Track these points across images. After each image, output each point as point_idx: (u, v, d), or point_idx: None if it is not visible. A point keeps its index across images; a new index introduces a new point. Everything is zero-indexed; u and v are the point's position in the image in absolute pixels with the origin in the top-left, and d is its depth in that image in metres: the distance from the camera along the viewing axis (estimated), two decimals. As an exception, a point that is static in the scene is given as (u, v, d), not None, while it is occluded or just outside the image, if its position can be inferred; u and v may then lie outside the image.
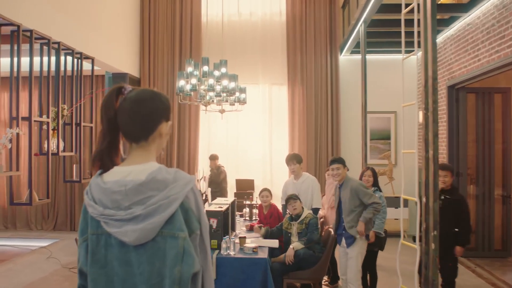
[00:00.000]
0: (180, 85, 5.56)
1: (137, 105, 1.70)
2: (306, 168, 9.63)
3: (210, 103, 6.06)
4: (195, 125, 10.30)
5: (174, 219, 1.60)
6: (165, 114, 1.75)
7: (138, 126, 1.70)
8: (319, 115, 10.05)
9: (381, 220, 5.59)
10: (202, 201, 1.73)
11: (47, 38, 6.33)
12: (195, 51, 10.27)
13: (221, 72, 5.55)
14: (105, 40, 8.52)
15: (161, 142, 1.78)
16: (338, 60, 10.09)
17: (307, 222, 5.36)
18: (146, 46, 10.37)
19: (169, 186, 1.62)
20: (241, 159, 10.33)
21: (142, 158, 1.72)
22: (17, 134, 5.76)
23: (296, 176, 6.19)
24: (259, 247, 5.10)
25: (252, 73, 10.26)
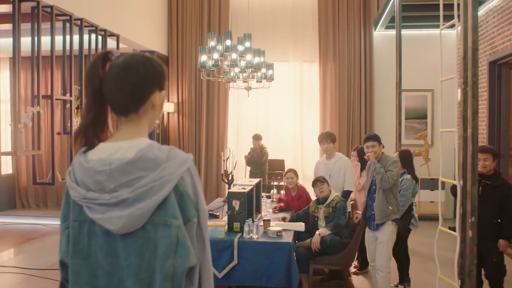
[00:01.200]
0: (202, 60, 5.31)
1: (125, 71, 1.47)
2: (338, 149, 9.29)
3: (234, 79, 5.81)
4: (224, 103, 10.08)
5: (167, 204, 1.38)
6: (158, 82, 1.52)
7: (126, 96, 1.47)
8: (351, 94, 9.68)
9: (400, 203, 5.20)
10: (200, 184, 1.47)
11: (69, 14, 6.17)
12: (223, 27, 9.99)
13: (245, 46, 5.27)
14: (131, 16, 8.32)
15: (154, 115, 1.55)
16: (372, 36, 9.65)
17: (334, 205, 5.07)
18: (174, 23, 10.15)
19: (161, 165, 1.39)
20: (271, 139, 10.06)
21: (132, 134, 1.49)
22: (38, 113, 5.65)
23: (329, 156, 5.90)
24: (284, 231, 4.86)
25: (282, 50, 9.93)
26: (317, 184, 5.15)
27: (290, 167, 6.73)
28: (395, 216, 4.70)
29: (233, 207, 4.80)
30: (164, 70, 1.56)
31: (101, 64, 1.50)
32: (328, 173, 5.71)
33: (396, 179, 4.67)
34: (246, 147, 10.11)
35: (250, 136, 9.99)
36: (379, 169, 4.65)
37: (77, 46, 6.66)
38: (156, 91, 1.52)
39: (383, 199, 4.69)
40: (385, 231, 4.70)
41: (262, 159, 8.52)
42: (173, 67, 10.18)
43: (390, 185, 4.62)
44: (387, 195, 4.68)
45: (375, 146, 4.78)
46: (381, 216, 4.69)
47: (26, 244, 7.83)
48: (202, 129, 10.11)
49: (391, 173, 4.63)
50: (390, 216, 4.68)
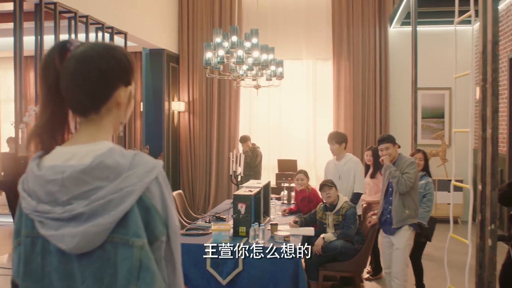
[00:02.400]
0: (207, 57, 5.11)
1: (82, 65, 1.26)
2: (352, 149, 9.05)
3: (241, 77, 5.60)
4: (235, 102, 9.89)
5: (129, 220, 1.17)
6: (122, 76, 1.30)
7: (84, 94, 1.26)
8: (366, 92, 9.40)
9: (425, 209, 4.93)
10: (172, 196, 1.28)
11: (74, 11, 6.02)
12: (235, 25, 9.78)
13: (252, 42, 5.05)
14: (139, 13, 8.16)
15: (119, 114, 1.33)
16: (387, 33, 9.37)
17: (344, 213, 4.82)
18: (184, 20, 9.97)
19: (122, 174, 1.19)
20: (284, 139, 9.85)
21: (91, 136, 1.28)
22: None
23: (338, 157, 5.68)
24: (292, 236, 4.63)
25: (295, 48, 9.69)
26: (324, 189, 4.90)
27: (303, 168, 6.52)
28: (413, 221, 4.45)
29: (239, 210, 4.60)
30: (131, 61, 1.34)
31: (58, 56, 1.28)
32: (337, 174, 5.49)
33: (414, 181, 4.42)
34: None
35: (262, 135, 9.83)
36: (394, 173, 4.41)
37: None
38: (121, 87, 1.31)
39: (400, 203, 4.44)
40: (402, 237, 4.45)
41: (256, 161, 8.28)
42: (184, 66, 10.00)
43: (407, 188, 4.37)
44: (404, 199, 4.43)
45: (389, 148, 4.55)
46: (397, 220, 4.45)
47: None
48: (213, 129, 9.92)
49: (408, 175, 4.38)
50: (407, 221, 4.43)
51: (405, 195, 4.42)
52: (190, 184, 10.08)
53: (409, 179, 4.37)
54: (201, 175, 10.02)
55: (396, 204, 4.46)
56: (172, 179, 9.90)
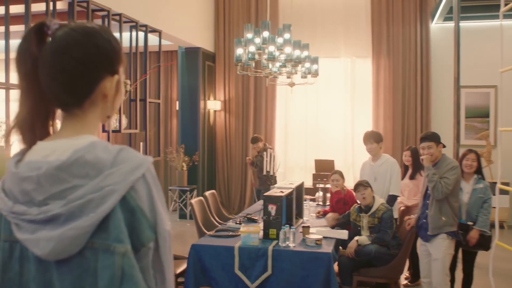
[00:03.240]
0: (237, 54, 4.96)
1: (58, 56, 1.12)
2: (391, 150, 8.76)
3: (273, 74, 5.43)
4: (272, 101, 9.73)
5: (110, 223, 1.04)
6: (107, 65, 1.16)
7: (63, 88, 1.14)
8: (406, 91, 9.08)
9: (486, 216, 4.57)
10: (162, 196, 1.14)
11: (107, 9, 5.98)
12: (272, 22, 9.61)
13: (284, 38, 4.88)
14: (173, 11, 8.10)
15: (105, 107, 1.19)
16: (429, 29, 9.02)
17: (380, 216, 4.58)
18: (221, 18, 9.88)
19: (104, 171, 1.06)
20: (321, 138, 9.63)
21: (74, 130, 1.16)
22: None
23: (374, 157, 5.46)
24: (325, 239, 4.43)
25: (333, 45, 9.45)
26: (359, 189, 4.66)
27: (340, 169, 6.31)
28: (450, 229, 4.18)
29: (269, 211, 4.44)
30: (116, 47, 1.19)
31: (35, 41, 1.15)
32: (373, 175, 5.26)
33: (453, 188, 4.14)
34: (294, 146, 9.75)
35: (299, 134, 9.65)
36: (431, 177, 4.16)
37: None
38: (106, 78, 1.17)
39: (437, 209, 4.19)
40: (439, 246, 4.19)
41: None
42: (220, 64, 9.92)
43: (443, 195, 4.11)
44: (442, 205, 4.17)
45: (432, 148, 4.28)
46: (432, 227, 4.20)
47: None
48: (249, 128, 9.80)
49: (447, 181, 4.11)
50: (443, 228, 4.17)
51: (443, 200, 4.17)
52: (225, 183, 9.98)
53: (447, 185, 4.10)
54: (237, 175, 9.90)
55: (433, 209, 4.21)
56: (207, 179, 9.83)
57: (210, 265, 4.20)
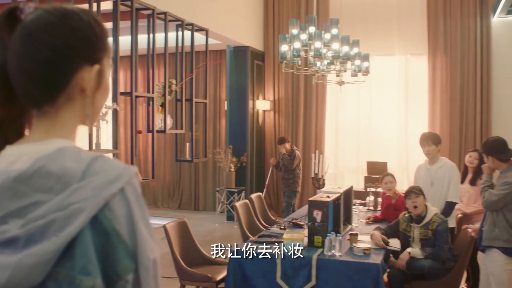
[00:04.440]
0: (282, 50, 4.73)
1: (27, 42, 0.93)
2: (448, 152, 8.28)
3: (319, 72, 5.17)
4: (322, 100, 9.43)
5: (77, 249, 0.84)
6: (84, 52, 0.96)
7: (32, 80, 0.94)
8: (465, 90, 8.57)
9: None
10: (146, 216, 0.93)
11: (151, 8, 5.89)
12: (323, 19, 9.33)
13: (331, 33, 4.60)
14: (221, 9, 7.95)
15: (84, 103, 0.99)
16: (490, 23, 8.46)
17: (434, 228, 4.19)
18: (270, 16, 9.66)
19: (71, 184, 0.86)
20: (374, 139, 9.25)
21: (46, 133, 0.97)
22: (115, 111, 5.43)
23: (431, 160, 5.09)
24: (374, 248, 4.14)
25: (386, 42, 9.03)
26: (410, 196, 4.29)
27: (394, 172, 5.97)
28: (503, 245, 3.77)
29: (314, 217, 4.18)
30: (98, 30, 0.99)
31: (7, 28, 0.96)
32: (430, 180, 4.90)
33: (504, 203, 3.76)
34: (346, 147, 9.43)
35: (350, 135, 9.32)
36: (484, 182, 3.82)
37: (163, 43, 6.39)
38: (84, 68, 0.97)
39: (492, 219, 3.83)
40: (493, 260, 3.82)
41: (294, 164, 7.77)
42: (269, 63, 9.70)
43: (488, 207, 3.79)
44: (497, 216, 3.81)
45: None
46: (485, 238, 3.86)
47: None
48: (299, 128, 9.54)
49: (493, 192, 3.78)
50: (494, 242, 3.79)
51: (498, 212, 3.80)
52: (274, 185, 9.75)
53: (492, 196, 3.75)
54: (287, 176, 9.65)
55: (488, 219, 3.86)
56: (256, 180, 9.64)
57: (251, 272, 4.00)
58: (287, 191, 7.86)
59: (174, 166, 10.51)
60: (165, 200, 10.74)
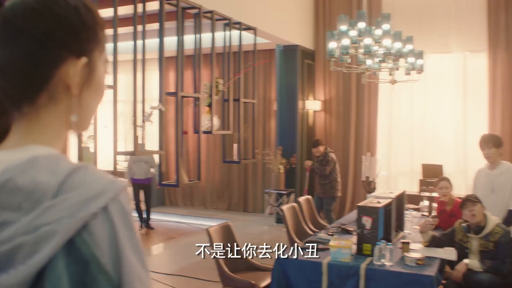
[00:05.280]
0: (330, 48, 4.51)
1: (3, 30, 0.80)
2: (510, 156, 7.79)
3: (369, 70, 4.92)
4: (374, 100, 9.11)
5: (47, 281, 0.70)
6: (69, 41, 0.82)
7: (8, 75, 0.81)
8: (529, 88, 8.05)
9: None
10: (136, 240, 0.77)
11: (197, 6, 5.80)
12: (375, 16, 9.01)
13: (382, 29, 4.35)
14: (269, 7, 7.78)
15: (69, 103, 0.84)
16: (556, 16, 7.93)
17: (496, 240, 3.86)
18: (320, 13, 9.41)
19: (43, 202, 0.72)
20: (429, 141, 8.84)
21: (23, 138, 0.83)
22: (160, 111, 5.37)
23: (492, 164, 4.75)
24: (428, 259, 3.86)
25: (442, 39, 8.60)
26: (467, 205, 3.97)
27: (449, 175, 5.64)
28: None
29: (363, 224, 3.96)
30: (87, 17, 0.84)
31: None
32: (490, 186, 4.57)
33: None
34: (399, 149, 9.07)
35: (404, 136, 8.96)
36: None
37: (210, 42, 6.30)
38: (68, 60, 0.82)
39: None
40: None
41: (328, 168, 7.44)
42: (320, 62, 9.45)
43: None
44: None
45: None
46: None
47: (165, 243, 7.79)
48: (350, 129, 9.25)
49: None
50: None
51: None
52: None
53: None
54: (337, 180, 9.37)
55: None
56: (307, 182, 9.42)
57: (295, 280, 3.83)
58: (325, 198, 7.56)
59: (224, 167, 10.43)
60: (214, 201, 10.68)
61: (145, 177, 8.33)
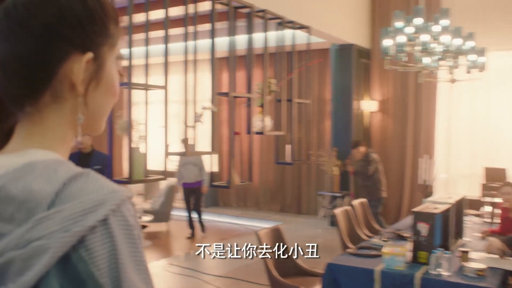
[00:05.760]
0: (384, 45, 4.32)
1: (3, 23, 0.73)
2: None
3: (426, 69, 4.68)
4: (432, 99, 8.77)
5: None
6: (72, 35, 0.74)
7: (9, 72, 0.74)
8: None
9: None
10: (140, 255, 0.69)
11: (249, 5, 5.73)
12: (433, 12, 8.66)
13: (441, 25, 4.12)
14: (323, 4, 7.60)
15: (75, 103, 0.77)
16: None
17: None
18: (377, 10, 9.14)
19: (36, 213, 0.64)
20: (492, 143, 8.41)
21: (23, 141, 0.76)
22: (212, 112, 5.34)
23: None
24: (490, 269, 3.62)
25: (507, 35, 8.16)
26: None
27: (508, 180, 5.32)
28: None
29: (419, 230, 3.76)
30: (95, 8, 0.76)
31: None
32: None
33: None
34: (459, 151, 8.69)
35: (465, 139, 8.59)
36: None
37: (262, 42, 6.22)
38: (74, 55, 0.75)
39: None
40: None
41: (369, 170, 7.13)
42: (376, 61, 9.17)
43: None
44: None
45: None
46: None
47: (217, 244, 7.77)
48: (407, 131, 8.95)
49: None
50: None
51: None
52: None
53: None
54: (394, 182, 9.03)
55: None
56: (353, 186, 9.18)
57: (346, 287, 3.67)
58: (371, 200, 7.31)
59: (277, 168, 10.34)
60: (267, 203, 10.61)
61: (194, 180, 8.06)
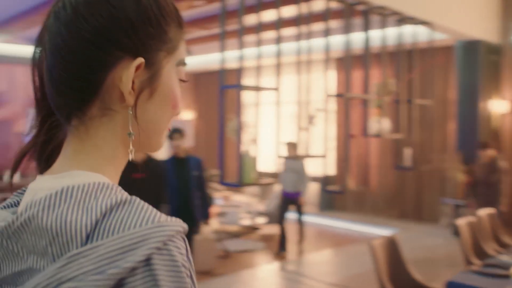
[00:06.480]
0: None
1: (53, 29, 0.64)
2: None
3: None
4: None
5: None
6: (122, 38, 0.62)
7: (53, 81, 0.65)
8: None
9: None
10: None
11: (365, 1, 5.46)
12: None
13: None
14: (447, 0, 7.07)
15: (126, 116, 0.65)
16: None
17: None
18: (509, 3, 8.32)
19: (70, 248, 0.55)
20: None
21: (68, 160, 0.65)
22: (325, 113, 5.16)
23: None
24: None
25: None
26: None
27: None
28: None
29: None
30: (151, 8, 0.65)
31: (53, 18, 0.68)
32: None
33: None
34: None
35: None
36: None
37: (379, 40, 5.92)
38: (124, 61, 0.63)
39: None
40: None
41: (493, 176, 6.37)
42: (508, 58, 8.38)
43: None
44: None
45: None
46: None
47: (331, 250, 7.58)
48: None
49: None
50: None
51: None
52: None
53: None
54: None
55: None
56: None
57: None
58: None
59: (396, 172, 9.86)
60: (386, 208, 10.15)
61: (292, 189, 6.99)
